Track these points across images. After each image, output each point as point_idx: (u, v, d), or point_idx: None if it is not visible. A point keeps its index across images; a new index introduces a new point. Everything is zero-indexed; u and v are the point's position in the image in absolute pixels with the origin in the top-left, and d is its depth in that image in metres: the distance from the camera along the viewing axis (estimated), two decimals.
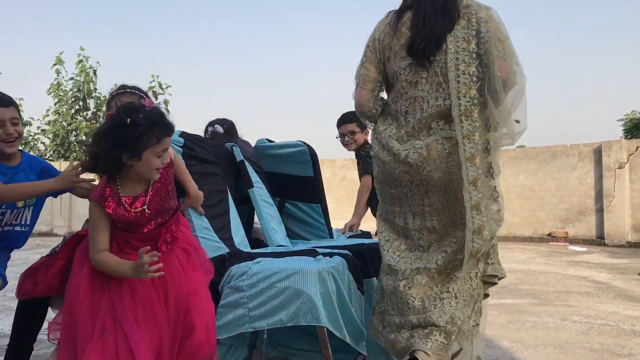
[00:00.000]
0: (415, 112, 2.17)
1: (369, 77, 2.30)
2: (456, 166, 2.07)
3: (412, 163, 2.12)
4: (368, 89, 2.30)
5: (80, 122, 15.93)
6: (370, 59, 2.29)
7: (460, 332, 2.11)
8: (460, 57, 2.10)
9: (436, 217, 2.16)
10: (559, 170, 10.11)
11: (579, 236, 9.73)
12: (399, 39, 2.21)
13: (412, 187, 2.16)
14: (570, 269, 6.40)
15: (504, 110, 2.11)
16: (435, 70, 2.15)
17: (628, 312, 3.97)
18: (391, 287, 2.18)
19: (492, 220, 2.07)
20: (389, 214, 2.28)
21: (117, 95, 2.55)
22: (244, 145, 2.98)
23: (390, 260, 2.21)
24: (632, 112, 14.70)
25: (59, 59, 16.08)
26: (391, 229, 2.29)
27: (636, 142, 9.61)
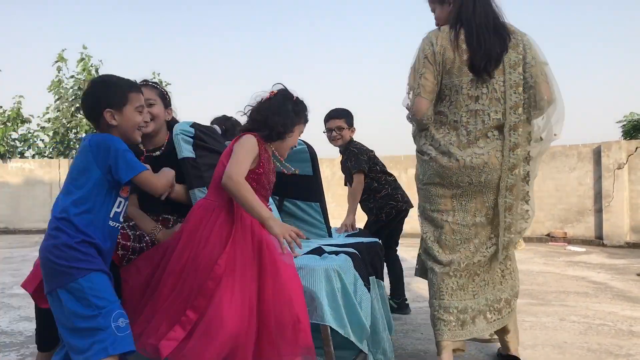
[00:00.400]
0: (476, 124, 2.47)
1: (428, 87, 2.49)
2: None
3: (474, 167, 2.44)
4: (428, 99, 2.50)
5: (80, 120, 15.91)
6: (430, 70, 2.49)
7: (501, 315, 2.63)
8: (512, 77, 2.46)
9: (485, 213, 2.52)
10: (558, 171, 10.12)
11: (577, 236, 9.74)
12: (460, 54, 2.45)
13: (470, 187, 2.49)
14: (568, 269, 6.41)
15: (547, 126, 2.55)
16: (494, 87, 2.46)
17: (626, 313, 3.97)
18: (453, 280, 2.53)
19: (521, 219, 2.52)
20: (437, 212, 2.56)
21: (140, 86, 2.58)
22: None
23: (442, 257, 2.53)
24: (630, 114, 14.71)
25: (61, 56, 16.06)
26: (437, 228, 2.58)
27: (635, 142, 9.62)
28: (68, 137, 16.22)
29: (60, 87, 16.18)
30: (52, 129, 16.00)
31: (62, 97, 16.12)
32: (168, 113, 2.64)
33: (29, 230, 12.82)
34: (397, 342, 3.11)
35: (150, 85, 2.59)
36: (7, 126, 15.42)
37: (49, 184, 13.18)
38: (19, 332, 3.54)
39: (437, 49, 2.48)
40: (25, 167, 13.36)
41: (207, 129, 2.60)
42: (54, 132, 15.95)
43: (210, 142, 2.55)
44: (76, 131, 16.13)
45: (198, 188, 2.43)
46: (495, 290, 2.62)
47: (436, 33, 2.52)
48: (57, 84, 16.17)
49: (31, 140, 16.32)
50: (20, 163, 13.49)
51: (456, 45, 2.46)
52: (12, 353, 3.06)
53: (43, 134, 16.42)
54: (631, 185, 9.33)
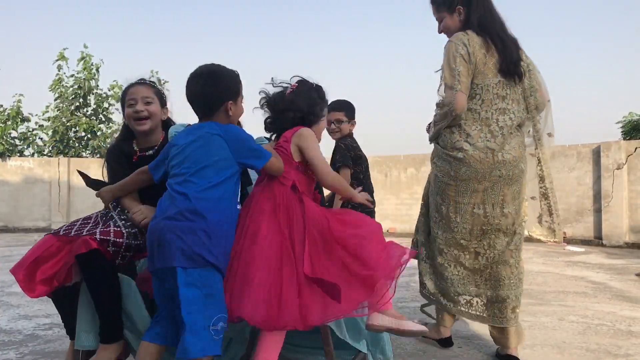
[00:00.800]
0: (505, 121, 2.73)
1: (465, 84, 2.71)
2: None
3: (508, 160, 2.70)
4: (466, 95, 2.72)
5: (80, 119, 15.91)
6: (465, 67, 2.71)
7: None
8: (528, 81, 2.81)
9: (512, 204, 2.78)
10: (557, 171, 10.12)
11: (576, 236, 9.75)
12: (491, 57, 2.73)
13: (499, 180, 2.73)
14: (567, 269, 6.42)
15: (546, 124, 2.91)
16: (516, 89, 2.78)
17: (625, 313, 3.98)
18: (470, 266, 2.86)
19: (548, 214, 3.03)
20: (468, 205, 2.78)
21: (133, 85, 2.58)
22: None
23: (468, 245, 2.84)
24: (629, 114, 14.72)
25: (62, 54, 16.06)
26: (454, 225, 2.84)
27: (635, 143, 9.62)
28: (68, 136, 16.22)
29: (61, 86, 16.18)
30: (51, 127, 15.99)
31: (62, 96, 16.12)
32: (164, 112, 2.63)
33: (28, 229, 12.82)
34: (396, 342, 3.11)
35: (147, 84, 2.59)
36: (7, 124, 15.42)
37: (48, 182, 13.18)
38: (18, 330, 3.54)
39: (471, 49, 2.71)
40: (24, 165, 13.35)
41: None
42: (54, 131, 15.95)
43: None
44: (76, 130, 16.12)
45: None
46: (500, 289, 2.84)
47: (465, 36, 2.74)
48: (57, 82, 16.17)
49: (31, 138, 16.31)
50: (20, 161, 13.48)
51: (488, 48, 2.73)
52: (11, 351, 3.06)
53: (42, 132, 16.42)
54: (630, 186, 9.34)
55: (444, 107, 2.75)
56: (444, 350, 3.02)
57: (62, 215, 12.94)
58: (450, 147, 2.78)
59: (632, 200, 9.32)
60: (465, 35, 2.74)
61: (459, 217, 2.81)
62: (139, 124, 2.51)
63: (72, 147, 16.18)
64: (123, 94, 2.60)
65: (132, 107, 2.51)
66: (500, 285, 2.81)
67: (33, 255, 2.16)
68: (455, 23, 2.86)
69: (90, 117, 16.41)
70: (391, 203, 11.64)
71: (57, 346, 3.16)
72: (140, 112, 2.50)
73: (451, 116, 2.73)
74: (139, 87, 2.56)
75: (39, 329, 3.60)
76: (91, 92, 16.27)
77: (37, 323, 3.74)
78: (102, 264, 2.16)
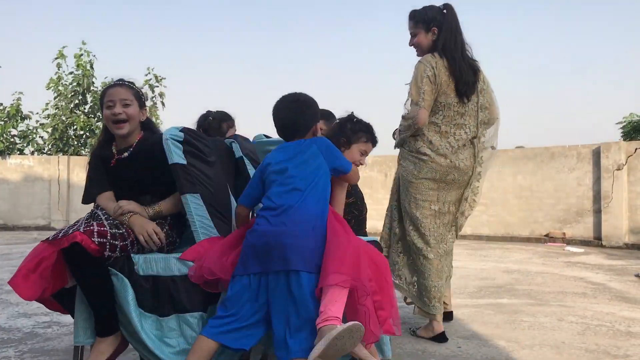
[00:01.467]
0: (461, 134, 3.23)
1: (428, 102, 3.13)
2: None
3: (461, 167, 3.22)
4: (428, 111, 3.15)
5: (78, 116, 15.90)
6: (430, 88, 3.12)
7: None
8: (481, 100, 3.27)
9: (455, 203, 3.32)
10: (557, 171, 10.12)
11: (576, 237, 9.74)
12: (451, 79, 3.15)
13: (453, 183, 3.24)
14: (567, 269, 6.42)
15: (493, 139, 3.41)
16: (471, 107, 3.24)
17: (624, 314, 3.98)
18: (434, 259, 3.24)
19: (470, 208, 3.39)
20: (427, 201, 3.24)
21: (112, 87, 2.57)
22: (243, 141, 2.97)
23: (430, 238, 3.25)
24: (630, 115, 14.72)
25: (61, 52, 16.04)
26: (420, 218, 3.25)
27: (635, 143, 9.62)
28: (67, 134, 16.20)
29: (59, 84, 16.16)
30: (50, 125, 15.98)
31: (61, 94, 16.10)
32: (142, 113, 2.62)
33: (27, 227, 12.82)
34: (395, 341, 3.11)
35: (126, 85, 2.58)
36: (7, 123, 15.41)
37: (48, 180, 13.18)
38: (17, 328, 3.54)
39: (436, 71, 3.12)
40: (24, 163, 13.35)
41: (196, 134, 2.58)
42: (53, 129, 15.94)
43: (200, 147, 2.54)
44: (75, 128, 16.10)
45: (190, 194, 2.42)
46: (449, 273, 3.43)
47: (433, 59, 3.15)
48: (56, 80, 16.14)
49: (30, 136, 16.30)
50: (20, 159, 13.48)
51: (450, 71, 3.14)
52: (10, 349, 3.06)
53: (42, 130, 16.40)
54: (630, 187, 9.33)
55: (408, 120, 3.18)
56: (442, 350, 3.03)
57: (62, 213, 12.94)
58: (416, 150, 3.23)
59: (632, 201, 9.32)
60: (434, 58, 3.15)
61: (418, 212, 3.24)
62: (117, 127, 2.51)
63: (71, 145, 16.17)
64: (102, 95, 2.60)
65: (110, 110, 2.50)
66: (439, 276, 3.26)
67: (27, 263, 2.18)
68: (427, 41, 3.27)
69: (88, 114, 16.40)
70: None
71: (57, 344, 3.16)
72: (118, 115, 2.49)
73: (414, 128, 3.17)
74: (117, 89, 2.54)
75: (38, 326, 3.60)
76: (89, 89, 16.26)
77: (37, 321, 3.74)
78: (86, 256, 2.17)
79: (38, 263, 2.17)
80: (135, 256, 2.35)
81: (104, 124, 2.64)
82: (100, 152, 2.64)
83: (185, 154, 2.45)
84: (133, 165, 2.54)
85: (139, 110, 2.58)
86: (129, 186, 2.52)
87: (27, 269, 2.16)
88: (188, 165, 2.44)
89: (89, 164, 2.65)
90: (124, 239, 2.33)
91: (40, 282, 2.17)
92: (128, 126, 2.52)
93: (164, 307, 2.30)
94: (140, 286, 2.31)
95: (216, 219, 2.46)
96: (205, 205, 2.43)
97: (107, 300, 2.25)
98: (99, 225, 2.28)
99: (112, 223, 2.36)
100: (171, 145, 2.43)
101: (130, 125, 2.53)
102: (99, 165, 2.61)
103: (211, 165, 2.55)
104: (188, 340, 2.27)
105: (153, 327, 2.30)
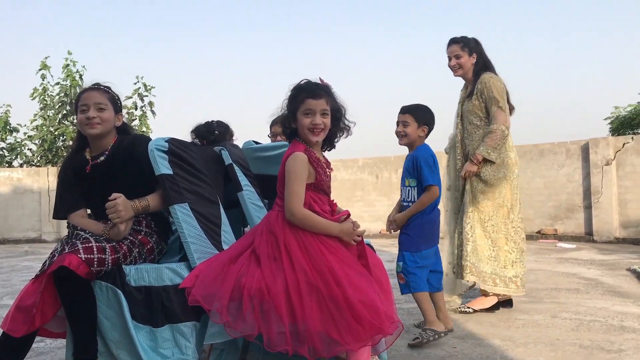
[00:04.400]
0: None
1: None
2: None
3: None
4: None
5: (67, 127, 15.79)
6: (505, 99, 3.99)
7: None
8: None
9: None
10: (547, 168, 10.18)
11: (567, 233, 9.80)
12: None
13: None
14: (559, 266, 6.45)
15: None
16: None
17: (617, 308, 4.00)
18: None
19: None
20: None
21: (86, 91, 2.55)
22: (233, 148, 2.97)
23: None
24: (616, 109, 14.85)
25: (44, 63, 15.92)
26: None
27: (622, 138, 9.69)
28: (56, 145, 16.08)
29: (45, 95, 16.03)
30: (39, 136, 15.85)
31: (47, 105, 15.97)
32: (118, 119, 2.60)
33: (18, 240, 12.70)
34: None
35: (101, 90, 2.56)
36: None
37: (37, 192, 13.07)
38: None
39: (504, 87, 3.97)
40: (13, 176, 13.23)
41: (182, 144, 2.57)
42: (42, 140, 15.81)
43: (185, 157, 2.53)
44: (63, 138, 15.98)
45: (178, 204, 2.41)
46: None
47: (496, 76, 3.96)
48: (41, 92, 16.01)
49: (19, 149, 16.16)
50: (9, 172, 13.36)
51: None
52: None
53: (31, 142, 16.27)
54: (619, 181, 9.40)
55: (503, 127, 3.84)
56: (438, 351, 3.03)
57: (53, 225, 12.83)
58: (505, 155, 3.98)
59: (622, 195, 9.38)
60: (497, 76, 3.97)
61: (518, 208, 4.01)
62: (89, 127, 2.48)
63: (60, 156, 16.05)
64: (76, 99, 2.58)
65: (84, 114, 2.48)
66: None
67: (15, 303, 2.21)
68: (470, 62, 4.02)
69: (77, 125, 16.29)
70: (383, 204, 11.64)
71: (49, 359, 3.13)
72: (91, 119, 2.46)
73: (508, 131, 3.90)
74: (92, 93, 2.52)
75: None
76: None
77: None
78: (74, 278, 2.16)
79: (28, 296, 2.21)
80: (127, 267, 2.34)
81: (78, 130, 2.61)
82: (71, 163, 2.60)
83: (171, 164, 2.44)
84: (110, 169, 2.51)
85: (114, 115, 2.55)
86: (106, 191, 2.44)
87: (16, 309, 2.19)
88: (175, 175, 2.43)
89: (58, 178, 2.62)
90: (116, 251, 2.31)
91: (30, 317, 2.19)
92: (100, 127, 2.49)
93: (157, 317, 2.29)
94: (133, 297, 2.30)
95: (205, 227, 2.45)
96: (193, 214, 2.42)
97: (87, 322, 2.24)
98: (84, 242, 2.26)
99: (98, 238, 2.35)
100: (157, 157, 2.42)
101: (103, 128, 2.50)
102: (69, 179, 2.57)
103: (198, 174, 2.55)
104: (182, 350, 2.26)
105: (147, 338, 2.29)
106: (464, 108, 4.09)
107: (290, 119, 2.30)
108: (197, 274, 2.24)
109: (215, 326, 2.19)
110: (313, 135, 2.24)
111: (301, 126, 2.26)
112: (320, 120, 2.23)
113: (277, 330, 1.99)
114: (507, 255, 3.89)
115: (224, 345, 2.38)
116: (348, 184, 12.22)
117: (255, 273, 2.08)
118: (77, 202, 2.55)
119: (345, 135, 2.40)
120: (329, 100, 2.27)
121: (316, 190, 2.26)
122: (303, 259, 2.09)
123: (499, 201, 3.88)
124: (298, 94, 2.28)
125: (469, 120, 4.04)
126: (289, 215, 2.16)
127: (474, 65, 4.02)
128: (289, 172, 2.20)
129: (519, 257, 3.92)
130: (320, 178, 2.26)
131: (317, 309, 2.00)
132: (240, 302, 2.04)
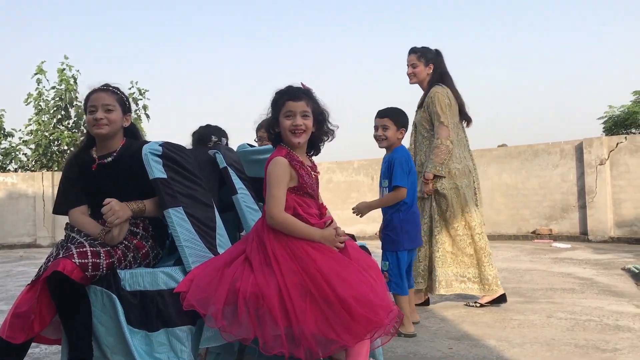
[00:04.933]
0: (464, 149, 4.29)
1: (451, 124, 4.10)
2: None
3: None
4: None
5: (62, 132, 15.73)
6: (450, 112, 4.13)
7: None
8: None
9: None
10: (541, 168, 10.21)
11: (562, 233, 9.83)
12: (455, 105, 4.21)
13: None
14: (554, 266, 6.47)
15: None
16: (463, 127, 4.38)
17: (612, 307, 4.02)
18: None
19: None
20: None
21: (95, 92, 2.56)
22: (227, 151, 2.97)
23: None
24: (610, 109, 14.92)
25: (40, 68, 15.86)
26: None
27: (616, 138, 9.74)
28: (51, 150, 16.01)
29: (41, 100, 15.97)
30: (33, 141, 15.79)
31: (42, 110, 15.91)
32: (126, 119, 2.61)
33: (13, 245, 12.64)
34: (387, 345, 3.10)
35: (110, 90, 2.57)
36: None
37: (32, 197, 13.01)
38: None
39: (451, 100, 4.09)
40: (8, 181, 13.18)
41: (176, 148, 2.57)
42: (37, 145, 15.75)
43: (180, 160, 2.53)
44: (58, 143, 15.92)
45: (173, 208, 2.41)
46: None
47: (444, 88, 4.09)
48: (36, 96, 15.95)
49: (13, 153, 16.09)
50: (3, 177, 13.31)
51: (456, 98, 4.14)
52: None
53: (25, 147, 16.20)
54: (613, 181, 9.44)
55: (447, 142, 4.01)
56: (434, 352, 3.03)
57: (48, 230, 12.79)
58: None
59: (616, 195, 9.42)
60: (445, 88, 4.09)
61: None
62: (97, 127, 2.49)
63: (55, 160, 15.98)
64: (85, 100, 2.59)
65: (92, 114, 2.50)
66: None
67: (12, 310, 2.21)
68: (425, 74, 4.19)
69: (72, 129, 16.24)
70: None
71: None
72: (99, 120, 2.48)
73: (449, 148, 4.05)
74: (100, 94, 2.53)
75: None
76: (72, 104, 16.09)
77: None
78: (68, 283, 2.16)
79: (24, 303, 2.20)
80: (121, 272, 2.34)
81: (87, 129, 2.62)
82: (78, 158, 2.60)
83: (165, 168, 2.44)
84: (116, 171, 2.52)
85: (122, 115, 2.57)
86: (110, 191, 2.45)
87: (13, 315, 2.19)
88: (169, 179, 2.43)
89: (63, 173, 2.62)
90: (110, 256, 2.31)
91: (28, 323, 2.19)
92: (108, 127, 2.50)
93: (153, 321, 2.29)
94: (128, 302, 2.29)
95: (200, 231, 2.45)
96: (188, 217, 2.42)
97: (85, 330, 2.24)
98: (78, 247, 2.26)
99: (92, 242, 2.34)
100: (151, 160, 2.42)
101: (111, 128, 2.51)
102: (74, 175, 2.57)
103: (192, 178, 2.55)
104: (178, 354, 2.26)
105: (142, 342, 2.28)
106: (415, 118, 4.32)
107: (274, 124, 2.33)
108: (191, 278, 2.23)
109: (210, 330, 2.19)
110: (294, 136, 2.25)
111: (283, 129, 2.28)
112: (301, 121, 2.24)
113: (273, 334, 1.99)
114: (471, 260, 4.11)
115: (219, 349, 2.38)
116: (343, 185, 12.22)
117: (250, 277, 2.08)
118: (79, 199, 2.55)
119: (330, 139, 2.41)
120: (310, 102, 2.29)
121: (301, 194, 2.26)
122: (292, 263, 2.10)
123: (457, 210, 4.10)
124: (279, 98, 2.31)
125: (419, 131, 4.27)
126: (268, 219, 2.17)
127: (430, 75, 4.18)
128: (269, 176, 2.21)
129: (486, 260, 4.09)
130: (302, 181, 2.25)
131: (311, 311, 2.00)
132: (235, 306, 2.04)
